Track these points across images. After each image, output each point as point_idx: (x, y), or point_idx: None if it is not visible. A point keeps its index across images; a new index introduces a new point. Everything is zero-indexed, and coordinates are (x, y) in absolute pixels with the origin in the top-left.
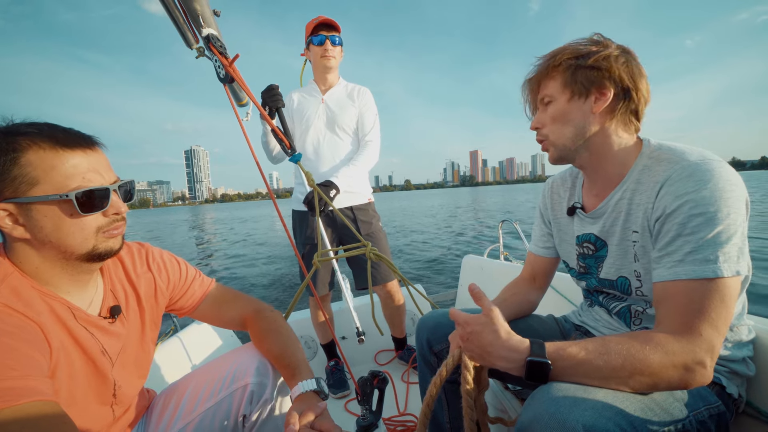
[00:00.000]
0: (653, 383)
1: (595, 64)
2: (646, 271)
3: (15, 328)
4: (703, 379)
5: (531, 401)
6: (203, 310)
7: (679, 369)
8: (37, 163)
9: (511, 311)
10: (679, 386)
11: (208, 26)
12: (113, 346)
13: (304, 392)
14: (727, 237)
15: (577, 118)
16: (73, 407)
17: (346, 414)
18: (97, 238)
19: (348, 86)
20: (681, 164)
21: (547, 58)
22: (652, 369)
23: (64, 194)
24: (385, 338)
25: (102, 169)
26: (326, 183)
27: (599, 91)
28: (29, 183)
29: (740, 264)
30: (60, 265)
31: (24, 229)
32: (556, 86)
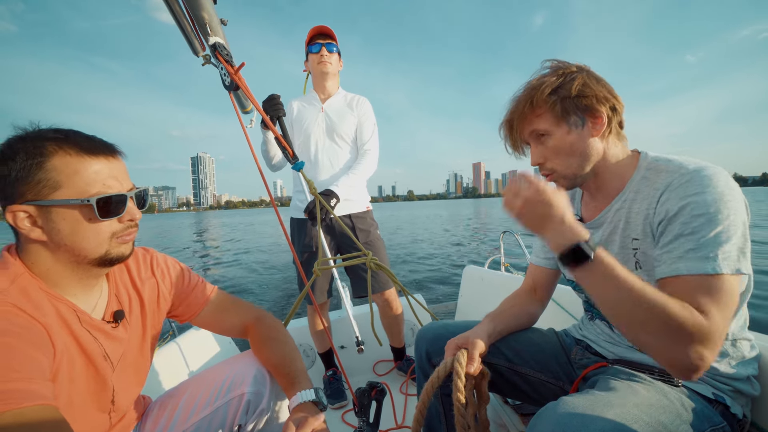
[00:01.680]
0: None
1: (579, 93)
2: (649, 277)
3: (21, 329)
4: (709, 356)
5: (537, 420)
6: (204, 316)
7: (687, 340)
8: (61, 168)
9: (510, 323)
10: (677, 359)
11: (215, 35)
12: (115, 351)
13: (302, 403)
14: (727, 237)
15: (580, 147)
16: (71, 412)
17: (343, 425)
18: (111, 243)
19: (347, 96)
20: (680, 172)
21: (522, 102)
22: (670, 324)
23: (85, 199)
24: (383, 348)
25: (121, 176)
26: (327, 192)
27: (593, 116)
28: (52, 187)
29: (740, 263)
30: (71, 267)
31: (41, 231)
32: (546, 122)
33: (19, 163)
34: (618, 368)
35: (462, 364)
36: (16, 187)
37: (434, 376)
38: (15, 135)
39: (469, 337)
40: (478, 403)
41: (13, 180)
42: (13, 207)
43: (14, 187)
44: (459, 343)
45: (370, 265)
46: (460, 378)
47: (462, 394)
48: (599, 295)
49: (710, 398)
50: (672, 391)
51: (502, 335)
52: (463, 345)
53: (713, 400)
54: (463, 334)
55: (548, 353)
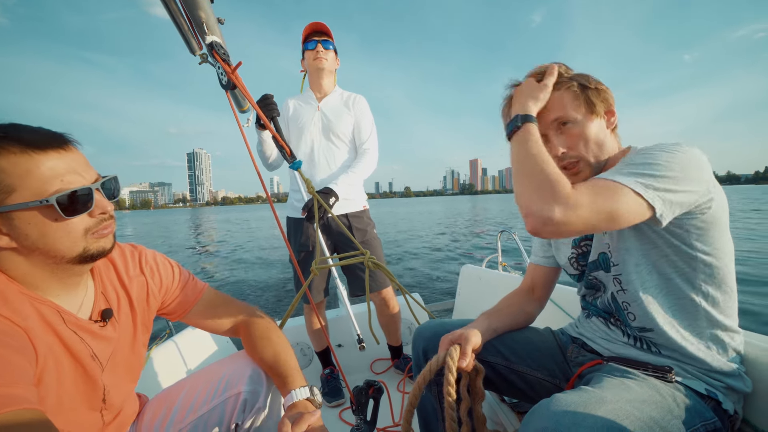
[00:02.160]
0: (528, 186)
1: (598, 87)
2: (612, 239)
3: (2, 334)
4: (549, 214)
5: (530, 417)
6: (195, 314)
7: (552, 192)
8: (9, 170)
9: (507, 321)
10: (533, 203)
11: (212, 33)
12: (103, 351)
13: (297, 400)
14: (658, 173)
15: (602, 137)
16: (61, 413)
17: (340, 423)
18: (87, 240)
19: (344, 94)
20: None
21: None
22: (543, 176)
23: (44, 199)
24: (381, 347)
25: (80, 168)
26: (326, 190)
27: (609, 110)
28: (5, 191)
29: (655, 200)
30: (49, 269)
31: (9, 238)
32: (570, 106)
33: None
34: (612, 365)
35: (454, 358)
36: None
37: (426, 370)
38: None
39: (463, 333)
40: (472, 399)
41: None
42: None
43: None
44: (453, 339)
45: (368, 264)
46: (451, 372)
47: (452, 388)
48: (515, 155)
49: (703, 394)
50: (665, 387)
51: (498, 333)
52: (457, 341)
53: (706, 396)
54: (457, 330)
55: (544, 351)
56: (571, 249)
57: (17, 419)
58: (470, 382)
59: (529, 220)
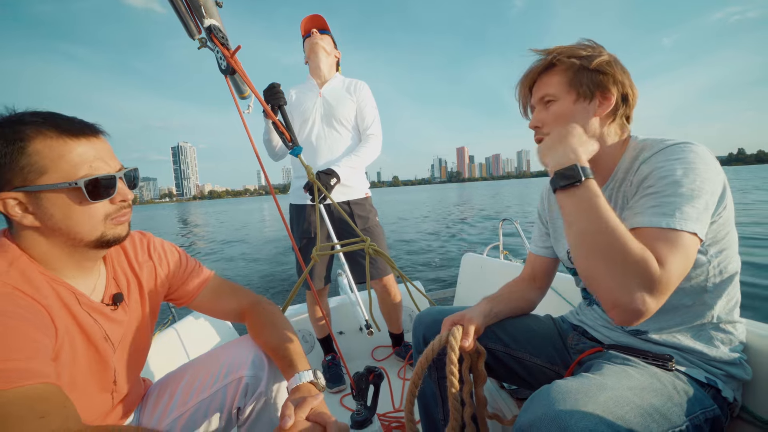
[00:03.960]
0: (609, 273)
1: (599, 68)
2: None
3: (24, 310)
4: (644, 306)
5: (530, 403)
6: (201, 300)
7: (637, 280)
8: (44, 152)
9: (508, 306)
10: (622, 299)
11: (210, 17)
12: (115, 333)
13: (300, 384)
14: (688, 199)
15: (580, 120)
16: (73, 392)
17: (341, 409)
18: (106, 225)
19: (345, 80)
20: (659, 147)
21: (545, 53)
22: (626, 258)
23: (73, 182)
24: (382, 334)
25: (107, 157)
26: (328, 171)
27: (603, 95)
28: (38, 172)
29: (698, 226)
30: (67, 251)
31: (34, 217)
32: (558, 85)
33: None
34: (613, 353)
35: (456, 338)
36: (1, 175)
37: (428, 349)
38: None
39: (465, 314)
40: (474, 381)
41: None
42: (2, 195)
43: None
44: (455, 320)
45: (368, 251)
46: (454, 351)
47: (455, 367)
48: (574, 219)
49: (703, 382)
50: (665, 375)
51: (499, 318)
52: (459, 321)
53: (705, 383)
54: (459, 312)
55: (545, 338)
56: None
57: (35, 393)
58: (472, 364)
59: (616, 312)
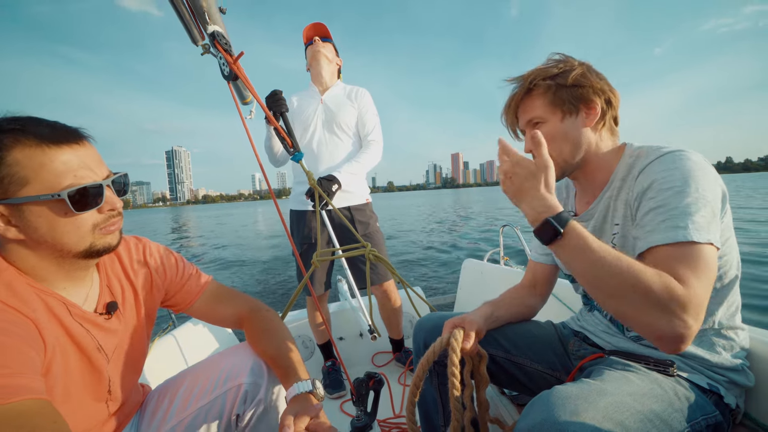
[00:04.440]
0: (639, 309)
1: (575, 83)
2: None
3: (9, 324)
4: (685, 330)
5: (530, 408)
6: (199, 307)
7: (666, 307)
8: (24, 162)
9: (509, 311)
10: (660, 329)
11: (213, 23)
12: (109, 343)
13: (299, 393)
14: (696, 208)
15: (573, 135)
16: (68, 403)
17: (341, 414)
18: (94, 235)
19: (347, 87)
20: (655, 155)
21: (520, 82)
22: (648, 292)
23: (56, 194)
24: (382, 340)
25: (93, 164)
26: (329, 177)
27: (587, 106)
28: (18, 183)
29: (711, 234)
30: (56, 262)
31: (17, 230)
32: (542, 107)
33: None
34: (614, 359)
35: (458, 340)
36: None
37: (429, 351)
38: None
39: (466, 317)
40: (476, 385)
41: None
42: None
43: None
44: (456, 323)
45: (368, 256)
46: (455, 353)
47: (457, 369)
48: (575, 268)
49: (705, 388)
50: (666, 381)
51: (500, 322)
52: (460, 324)
53: (707, 390)
54: (460, 315)
55: (545, 344)
56: None
57: (24, 409)
58: (474, 367)
59: (662, 344)
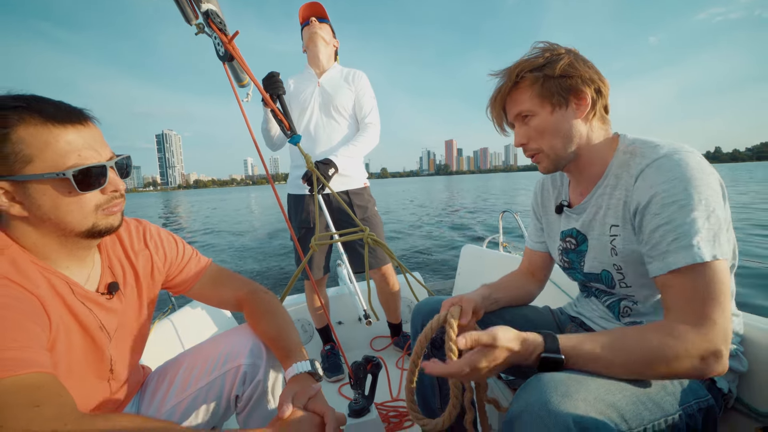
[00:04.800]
0: (670, 373)
1: (563, 73)
2: (626, 264)
3: (14, 300)
4: (721, 367)
5: (522, 391)
6: (199, 289)
7: (696, 359)
8: (29, 140)
9: (507, 294)
10: (697, 376)
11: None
12: (111, 322)
13: (298, 373)
14: (702, 221)
15: (564, 128)
16: (70, 381)
17: (339, 398)
18: (97, 215)
19: (344, 70)
20: (652, 157)
21: (507, 74)
22: (669, 360)
23: (60, 172)
24: (380, 324)
25: (97, 144)
26: (325, 161)
27: (577, 96)
28: (23, 161)
29: (722, 248)
30: (58, 241)
31: (21, 206)
32: (530, 100)
33: None
34: None
35: (455, 316)
36: None
37: (427, 328)
38: None
39: (464, 296)
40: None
41: None
42: None
43: None
44: (453, 301)
45: (367, 240)
46: (452, 328)
47: (455, 345)
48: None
49: None
50: None
51: (499, 305)
52: (458, 303)
53: None
54: (458, 295)
55: (542, 329)
56: (559, 241)
57: (30, 382)
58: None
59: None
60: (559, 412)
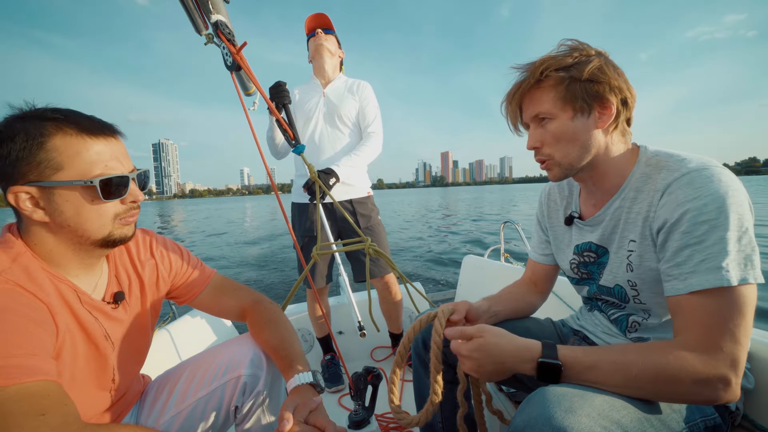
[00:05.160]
0: (673, 396)
1: (592, 77)
2: (642, 281)
3: (25, 307)
4: (729, 395)
5: (526, 405)
6: (203, 299)
7: (701, 385)
8: (62, 149)
9: (507, 307)
10: (704, 402)
11: (217, 12)
12: (115, 331)
13: (299, 385)
14: (735, 242)
15: (583, 137)
16: (73, 389)
17: (339, 408)
18: (114, 224)
19: (348, 81)
20: (680, 171)
21: (530, 70)
22: (668, 382)
23: (88, 180)
24: (382, 335)
25: (122, 157)
26: (327, 170)
27: (602, 105)
28: (54, 168)
29: (754, 271)
30: (73, 249)
31: (44, 212)
32: (551, 102)
33: (19, 143)
34: None
35: (444, 311)
36: (17, 168)
37: (416, 323)
38: (12, 115)
39: (460, 302)
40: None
41: (14, 160)
42: (15, 188)
43: (15, 167)
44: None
45: (368, 251)
46: (440, 322)
47: (440, 337)
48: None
49: None
50: None
51: (499, 318)
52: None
53: None
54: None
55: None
56: (573, 255)
57: (36, 390)
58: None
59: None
60: (563, 427)
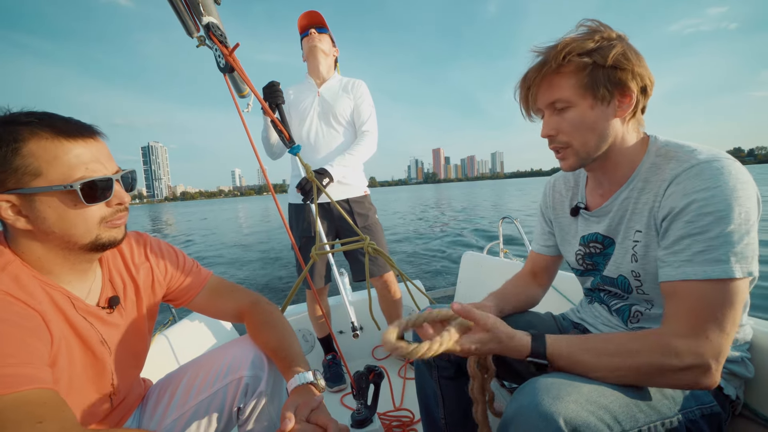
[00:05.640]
0: (656, 381)
1: (615, 64)
2: (646, 272)
3: (16, 316)
4: (708, 381)
5: (518, 394)
6: (200, 301)
7: (682, 372)
8: (39, 154)
9: (512, 304)
10: (683, 387)
11: (208, 14)
12: (112, 336)
13: (300, 385)
14: (739, 237)
15: (601, 126)
16: (72, 396)
17: (341, 408)
18: (100, 228)
19: (343, 80)
20: (690, 162)
21: (551, 54)
22: (653, 369)
23: (68, 185)
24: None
25: (104, 158)
26: (320, 171)
27: (622, 94)
28: (32, 174)
29: (752, 265)
30: (62, 254)
31: (27, 220)
32: (571, 89)
33: None
34: None
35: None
36: None
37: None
38: None
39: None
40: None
41: None
42: None
43: None
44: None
45: (367, 250)
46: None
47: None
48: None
49: None
50: None
51: (504, 315)
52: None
53: None
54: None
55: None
56: (579, 246)
57: (32, 398)
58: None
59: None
60: (550, 413)
